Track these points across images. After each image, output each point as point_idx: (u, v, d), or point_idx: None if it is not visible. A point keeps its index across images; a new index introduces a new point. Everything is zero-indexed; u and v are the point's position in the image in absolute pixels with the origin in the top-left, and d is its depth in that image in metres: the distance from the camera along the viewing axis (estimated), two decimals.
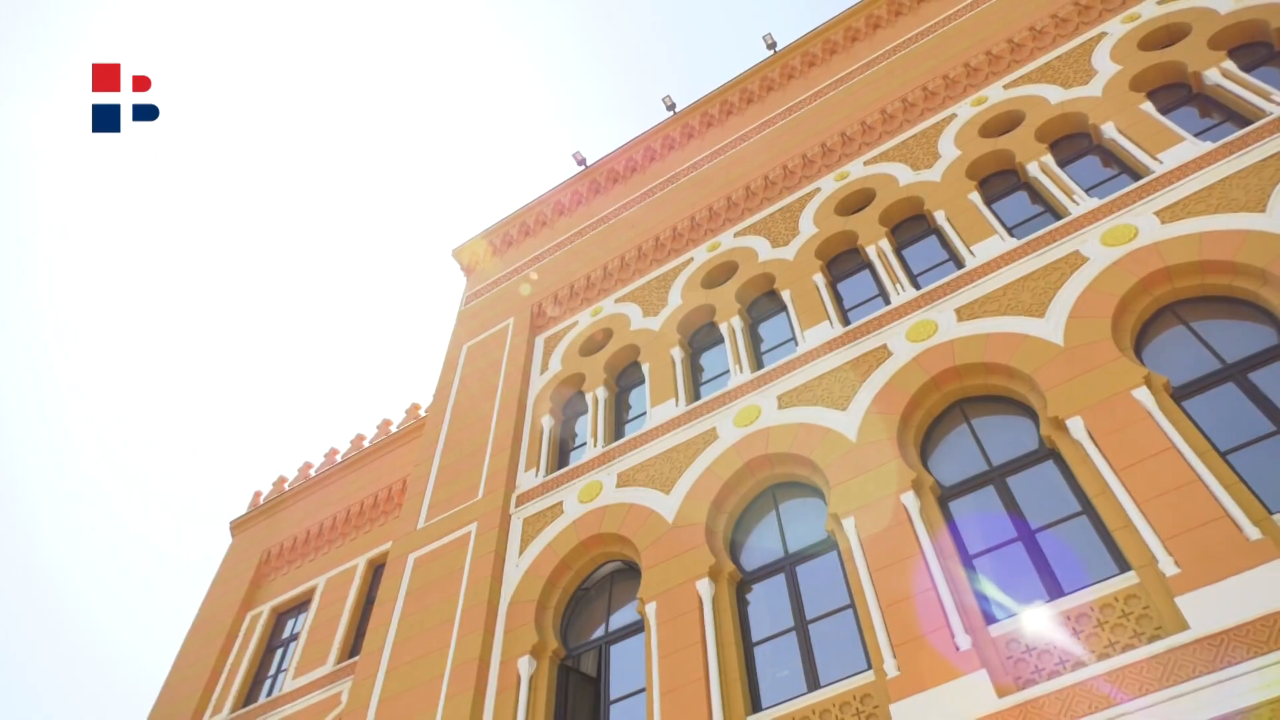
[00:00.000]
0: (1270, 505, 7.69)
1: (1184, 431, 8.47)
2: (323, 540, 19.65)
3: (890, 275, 13.08)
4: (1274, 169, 10.18)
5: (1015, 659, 7.94)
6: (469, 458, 15.06)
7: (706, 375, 14.47)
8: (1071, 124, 13.57)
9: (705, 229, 17.25)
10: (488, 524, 13.22)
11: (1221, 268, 9.63)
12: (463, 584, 12.43)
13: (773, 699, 9.16)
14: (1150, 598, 7.62)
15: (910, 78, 16.67)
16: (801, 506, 11.02)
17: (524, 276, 19.46)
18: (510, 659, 11.10)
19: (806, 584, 10.07)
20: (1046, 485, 9.23)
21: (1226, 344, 9.30)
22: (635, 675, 10.41)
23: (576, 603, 12.02)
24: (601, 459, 13.34)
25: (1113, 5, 14.99)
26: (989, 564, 8.96)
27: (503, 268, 20.88)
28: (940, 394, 10.70)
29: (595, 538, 12.02)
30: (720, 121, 20.17)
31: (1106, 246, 10.68)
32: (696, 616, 9.96)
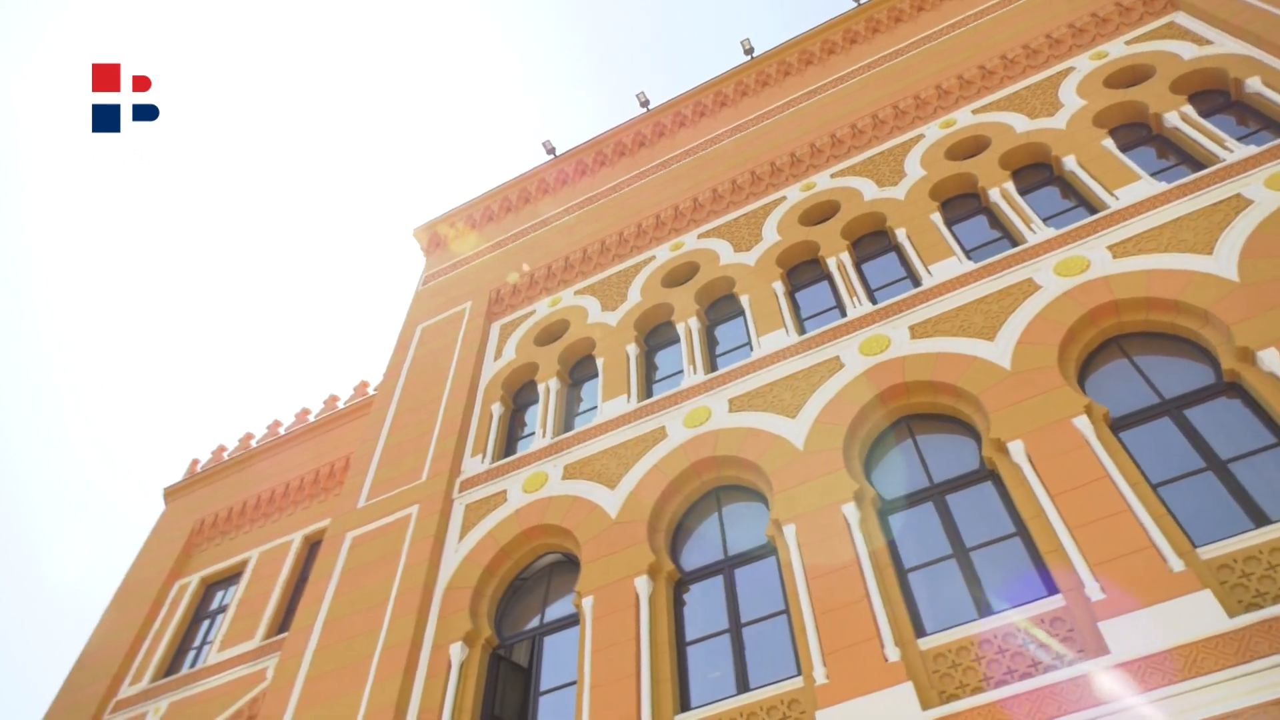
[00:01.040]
0: (1195, 539, 7.93)
1: (1119, 462, 8.69)
2: (259, 513, 19.31)
3: (848, 288, 13.22)
4: (1223, 214, 10.49)
5: (942, 673, 8.09)
6: (415, 439, 14.91)
7: (660, 374, 14.50)
8: (1034, 154, 13.84)
9: (670, 228, 17.28)
10: (429, 508, 13.10)
11: (1167, 306, 9.90)
12: (399, 566, 12.30)
13: (702, 699, 9.22)
14: (1075, 621, 7.81)
15: (882, 95, 16.86)
16: (744, 510, 11.10)
17: (513, 267, 19.28)
18: (442, 645, 11.01)
19: (744, 587, 10.15)
20: (984, 505, 9.42)
21: (1166, 380, 9.57)
22: (567, 668, 10.39)
23: (513, 592, 11.97)
24: (549, 450, 13.29)
25: (1083, 41, 15.32)
26: (923, 578, 9.12)
27: (463, 251, 20.70)
28: (888, 409, 10.85)
29: (537, 528, 11.98)
30: (692, 122, 20.21)
31: (1059, 276, 10.92)
32: (632, 613, 9.98)
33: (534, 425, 14.78)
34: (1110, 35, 15.13)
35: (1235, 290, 9.43)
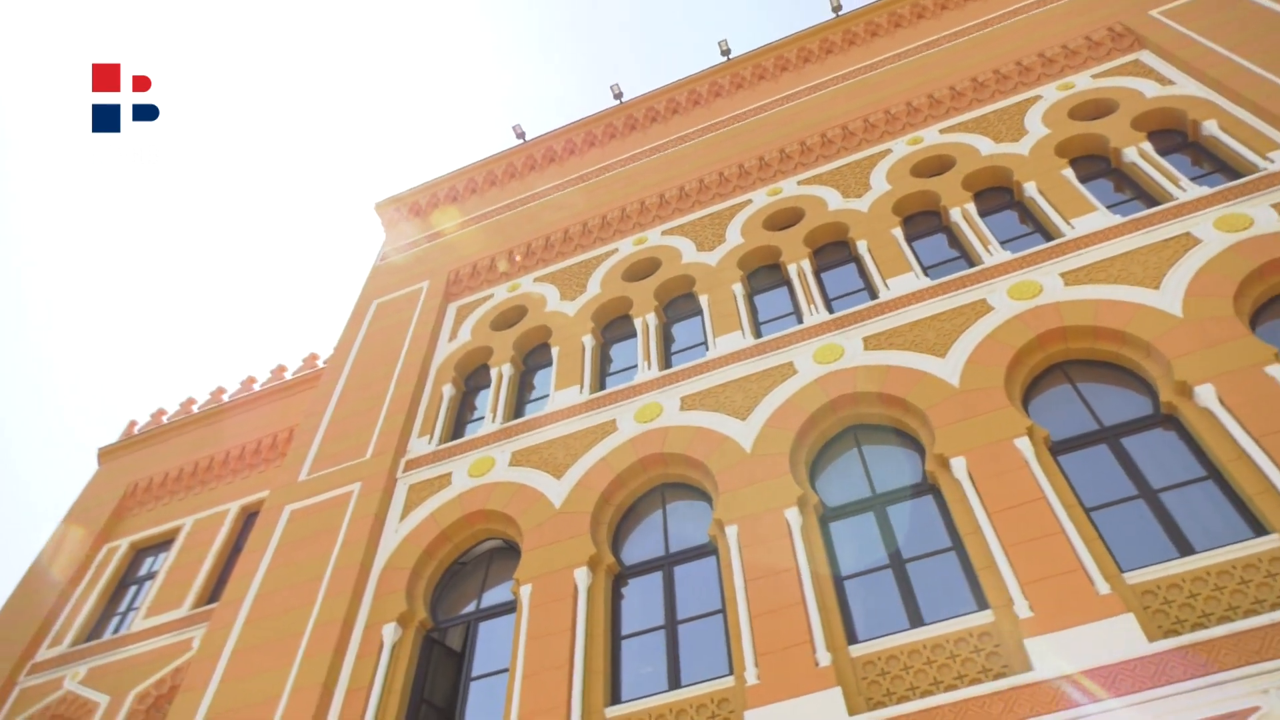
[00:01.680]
0: (1122, 564, 8.16)
1: (1055, 484, 8.90)
2: (195, 480, 18.93)
3: (806, 295, 13.34)
4: (1173, 250, 10.78)
5: (870, 680, 8.22)
6: (362, 415, 14.72)
7: (614, 367, 14.50)
8: (997, 177, 14.09)
9: (634, 222, 17.26)
10: (372, 485, 12.94)
11: (1112, 336, 10.15)
12: (337, 543, 12.14)
13: (633, 693, 9.25)
14: (1002, 637, 7.99)
15: (854, 107, 17.02)
16: (688, 509, 11.15)
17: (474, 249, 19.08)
18: (375, 624, 10.90)
19: (682, 585, 10.20)
20: (923, 518, 9.58)
21: (1106, 408, 9.82)
22: (500, 655, 10.35)
23: (451, 576, 11.89)
24: (497, 435, 13.22)
25: (1051, 71, 15.62)
26: (859, 586, 9.25)
27: (424, 229, 20.46)
28: (837, 418, 10.98)
29: (480, 513, 11.91)
30: (664, 118, 20.21)
31: (1012, 299, 11.14)
32: (570, 604, 9.97)
33: (484, 409, 14.68)
34: (1078, 67, 15.46)
35: (1178, 326, 9.70)
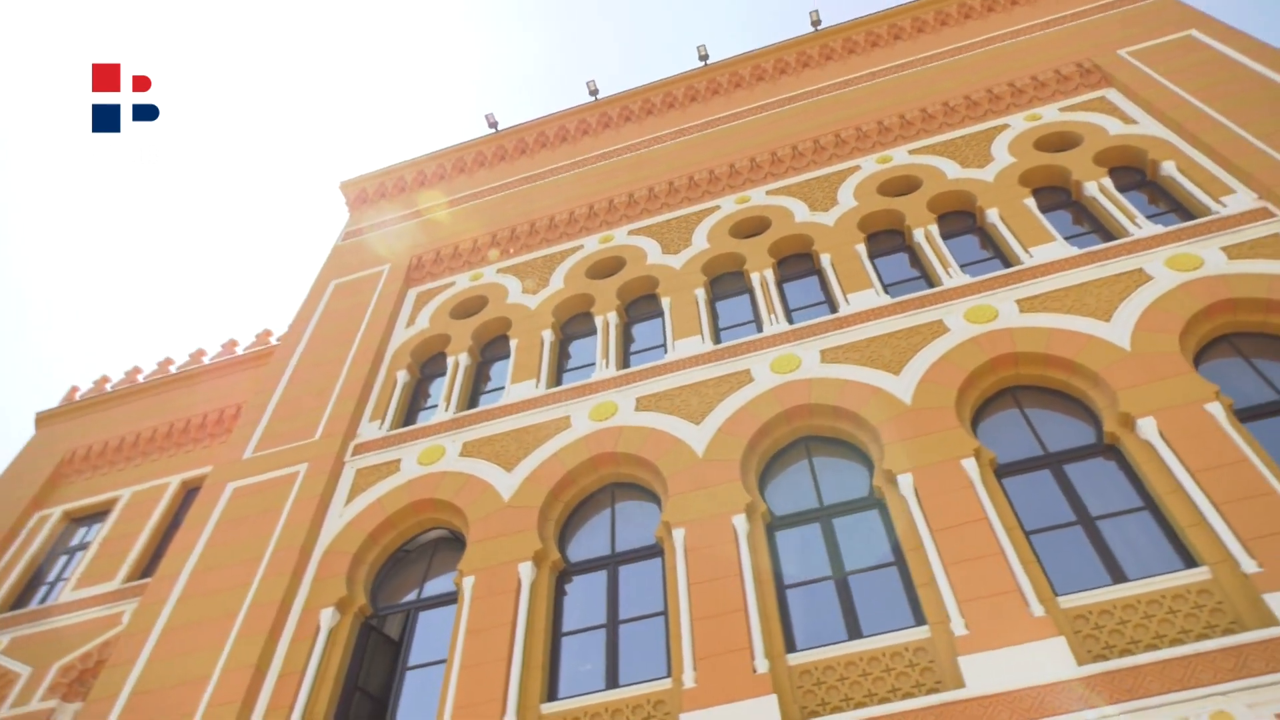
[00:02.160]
0: (1057, 588, 8.34)
1: (998, 506, 9.08)
2: (137, 451, 18.50)
3: (768, 305, 13.43)
4: (1125, 285, 11.05)
5: (806, 689, 8.30)
6: (313, 396, 14.50)
7: (572, 363, 14.47)
8: (961, 201, 14.32)
9: (601, 220, 17.24)
10: (319, 467, 12.76)
11: (1062, 364, 10.37)
12: (279, 523, 11.95)
13: (570, 691, 9.24)
14: (937, 653, 8.12)
15: (826, 121, 17.18)
16: (637, 509, 11.17)
17: (438, 235, 18.90)
18: (313, 608, 10.75)
19: (626, 585, 10.21)
20: (868, 531, 9.70)
21: (1051, 434, 10.04)
22: (438, 646, 10.27)
23: (394, 563, 11.76)
24: (450, 425, 13.12)
25: (1020, 102, 15.92)
26: (801, 596, 9.34)
27: (389, 212, 20.23)
28: (790, 428, 11.08)
29: (427, 502, 11.80)
30: (638, 118, 20.21)
31: (968, 322, 11.32)
32: (512, 598, 9.93)
33: (438, 398, 14.54)
34: (1046, 100, 15.76)
35: (1126, 358, 9.95)
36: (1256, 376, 9.84)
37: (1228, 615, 7.65)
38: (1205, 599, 7.82)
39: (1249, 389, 9.69)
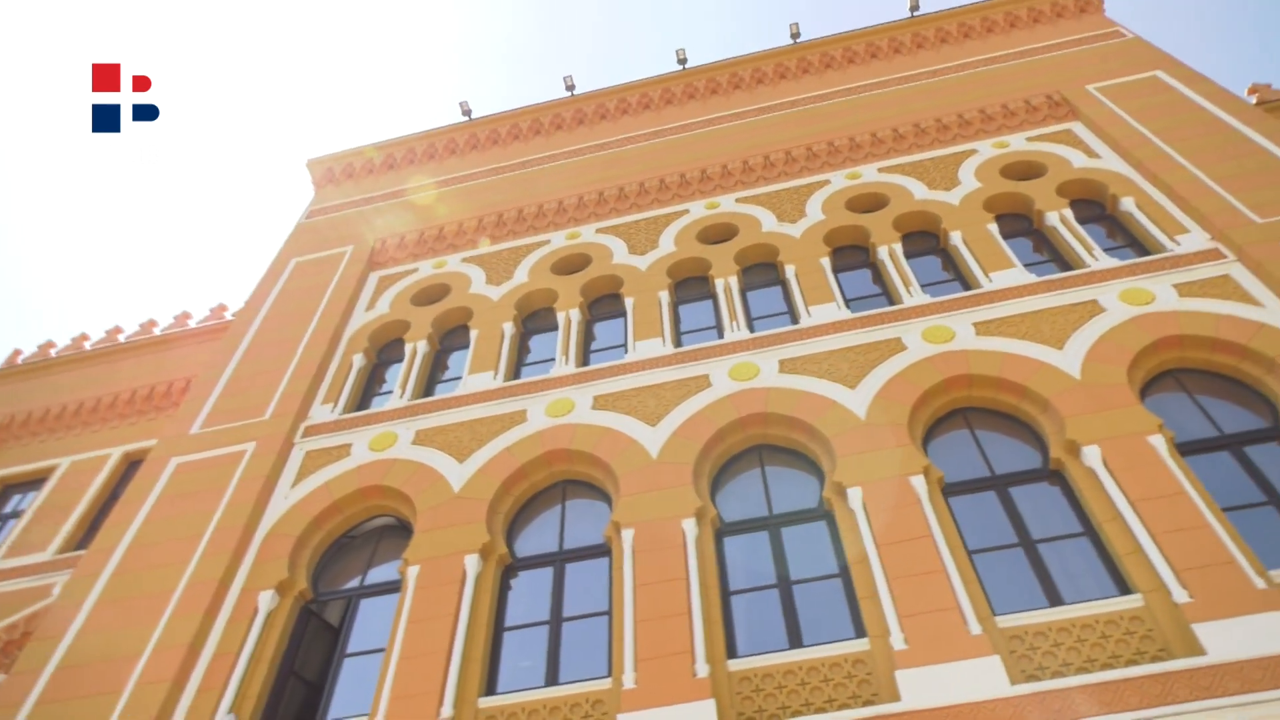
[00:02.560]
0: (995, 607, 8.50)
1: (943, 524, 9.22)
2: (78, 420, 18.03)
3: (730, 312, 13.50)
4: (1079, 315, 11.29)
5: (744, 696, 8.35)
6: (265, 374, 14.27)
7: (531, 358, 14.40)
8: (926, 222, 14.53)
9: (570, 216, 17.19)
10: (267, 447, 12.55)
11: (1014, 388, 10.57)
12: (223, 501, 11.73)
13: (509, 686, 9.20)
14: (875, 665, 8.23)
15: (800, 133, 17.32)
16: (587, 508, 11.16)
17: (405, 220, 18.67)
18: (252, 590, 10.57)
19: (572, 583, 10.19)
20: (815, 542, 9.80)
21: (999, 456, 10.23)
22: (378, 634, 10.15)
23: (338, 549, 11.61)
24: (404, 412, 12.98)
25: (989, 128, 16.19)
26: (745, 603, 9.40)
27: (355, 193, 19.98)
28: (744, 435, 11.15)
29: (376, 488, 11.67)
30: (613, 117, 20.19)
31: (925, 341, 11.49)
32: (456, 589, 9.86)
33: (393, 384, 14.39)
34: (1014, 128, 16.06)
35: (1075, 387, 10.17)
36: (1199, 412, 10.12)
37: (1157, 643, 7.86)
38: (1137, 626, 8.02)
39: (1191, 424, 9.97)
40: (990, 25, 19.15)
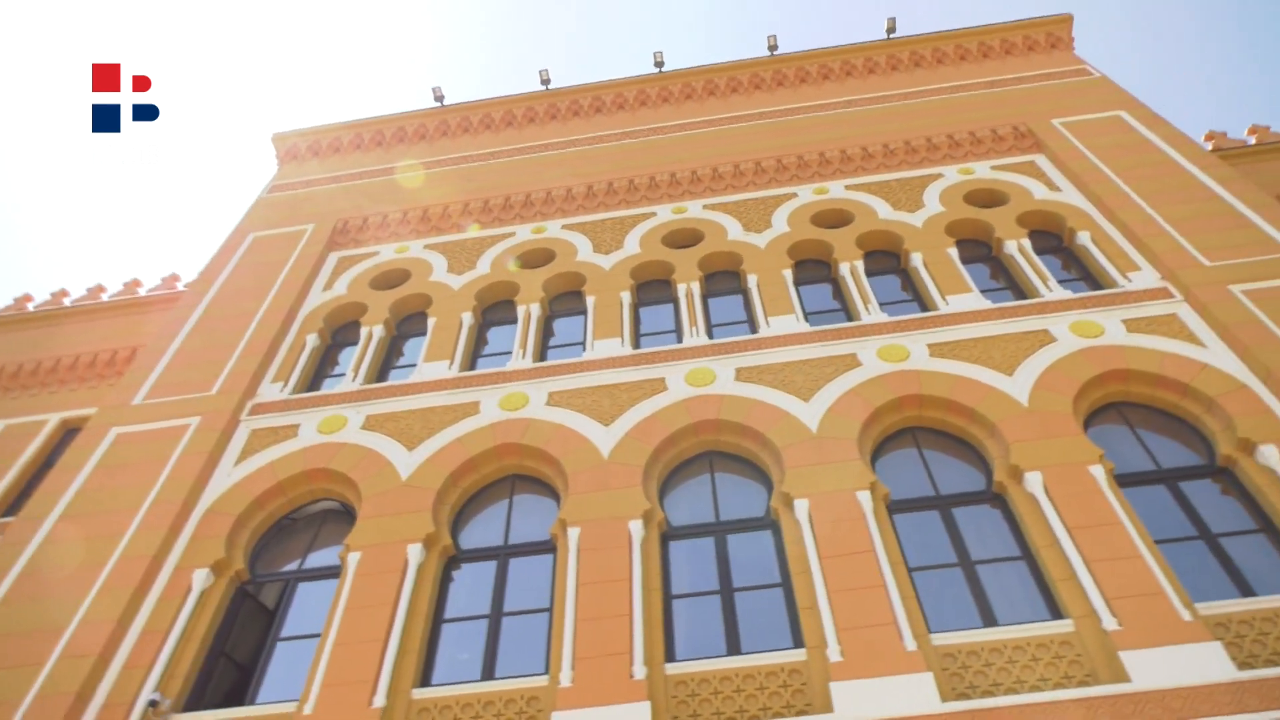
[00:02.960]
0: (931, 625, 8.64)
1: (886, 540, 9.35)
2: (16, 383, 17.49)
3: (690, 317, 13.54)
4: (1030, 344, 11.52)
5: (680, 700, 8.38)
6: (215, 349, 13.99)
7: (488, 350, 14.31)
8: (888, 242, 14.72)
9: (536, 210, 17.11)
10: (212, 422, 12.30)
11: (963, 411, 10.75)
12: (162, 475, 11.47)
13: (445, 678, 9.12)
14: (810, 676, 8.32)
15: (770, 145, 17.44)
16: (535, 503, 11.11)
17: (369, 201, 18.41)
18: (186, 568, 10.35)
19: (515, 578, 10.14)
20: (760, 552, 9.88)
21: (945, 477, 10.41)
22: (314, 619, 9.99)
23: (278, 530, 11.41)
24: (355, 396, 12.81)
25: (955, 154, 16.46)
26: (686, 607, 9.44)
27: (320, 171, 19.68)
28: (696, 440, 11.20)
29: (321, 471, 11.50)
30: (586, 114, 20.16)
31: (880, 359, 11.64)
32: (397, 578, 9.75)
33: (346, 367, 14.19)
34: (980, 156, 16.35)
35: (1022, 414, 10.38)
36: (1139, 445, 10.39)
37: (1084, 668, 8.04)
38: (1066, 650, 8.20)
39: (1131, 456, 10.24)
40: (963, 53, 19.48)
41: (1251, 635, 8.05)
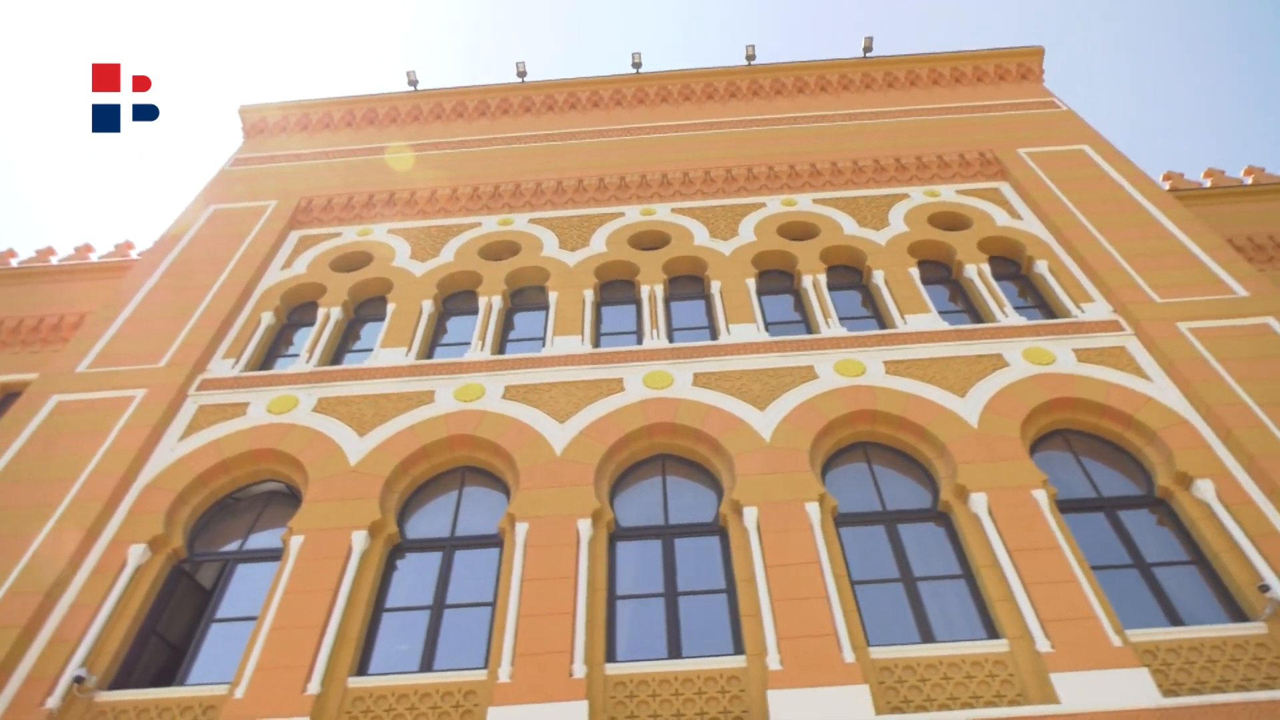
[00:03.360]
0: (870, 638, 8.73)
1: (832, 552, 9.44)
2: None
3: (652, 319, 13.56)
4: (983, 367, 11.72)
5: (618, 700, 8.35)
6: (166, 320, 13.69)
7: (447, 339, 14.18)
8: (852, 257, 14.88)
9: (504, 202, 17.01)
10: (158, 396, 12.03)
11: (914, 429, 10.90)
12: (103, 447, 11.19)
13: (381, 668, 9.01)
14: (749, 683, 8.35)
15: (741, 153, 17.53)
16: (484, 496, 11.04)
17: (335, 181, 18.13)
18: (122, 542, 10.10)
19: (460, 571, 10.06)
20: (707, 558, 9.92)
21: (893, 492, 10.56)
22: (252, 602, 9.79)
23: (220, 510, 11.19)
24: (308, 377, 12.62)
25: (922, 176, 16.69)
26: (630, 609, 9.45)
27: (286, 147, 19.38)
28: (650, 442, 11.21)
29: (269, 452, 11.31)
30: (560, 110, 20.09)
31: (837, 373, 11.75)
32: (339, 564, 9.61)
33: (301, 348, 13.96)
34: (946, 180, 16.60)
35: (971, 435, 10.55)
36: (1081, 473, 10.63)
37: (1016, 688, 8.19)
38: (999, 669, 8.34)
39: (1073, 483, 10.47)
40: (936, 77, 19.77)
41: (1177, 664, 8.26)
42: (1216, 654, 8.31)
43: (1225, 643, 8.39)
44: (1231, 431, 10.14)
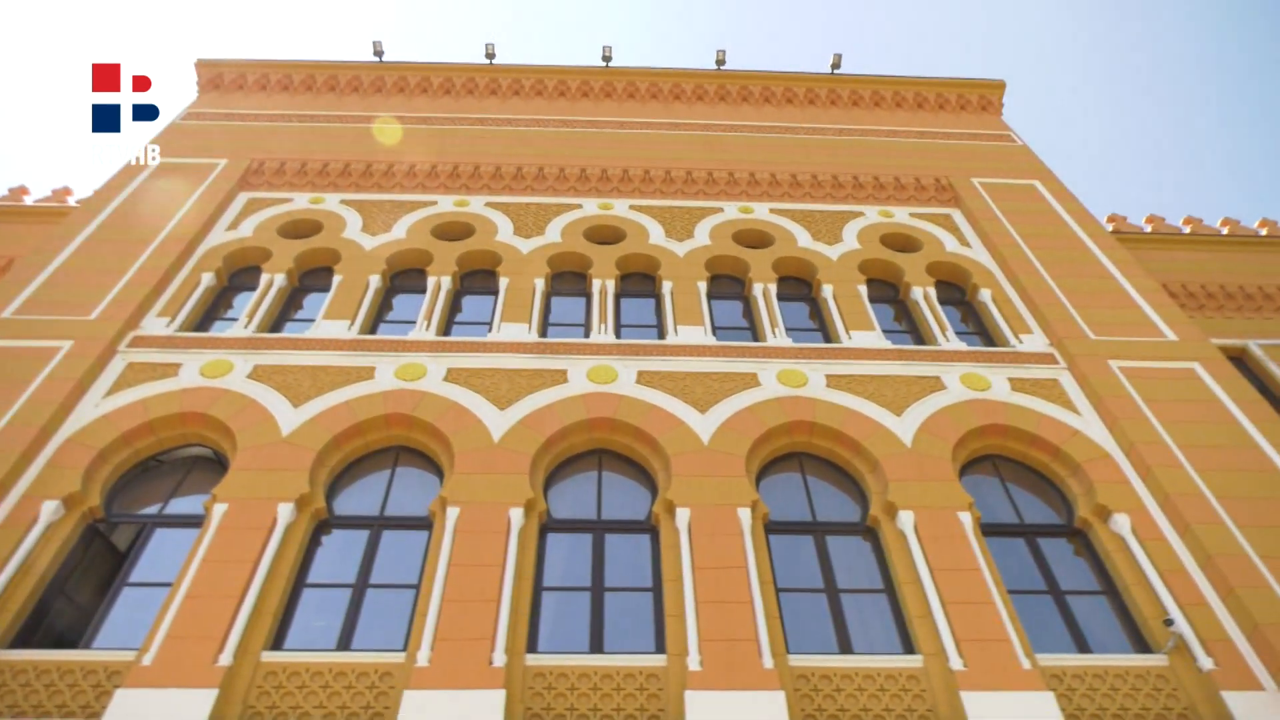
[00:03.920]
0: (790, 645, 8.84)
1: (759, 559, 9.54)
2: None
3: (601, 314, 13.53)
4: (921, 388, 11.95)
5: (536, 691, 8.32)
6: (100, 273, 13.25)
7: (392, 316, 13.98)
8: (802, 269, 15.05)
9: (462, 183, 16.81)
10: (86, 349, 11.64)
11: (850, 444, 11.08)
12: (22, 397, 10.78)
13: (298, 644, 8.84)
14: (668, 682, 8.38)
15: (702, 156, 17.61)
16: (416, 478, 10.91)
17: (290, 145, 17.71)
18: (35, 497, 9.74)
19: (386, 551, 9.92)
20: (634, 557, 9.96)
21: (825, 504, 10.75)
22: (167, 568, 9.52)
23: (142, 471, 10.87)
24: (246, 343, 12.33)
25: (878, 196, 16.95)
26: (555, 601, 9.44)
27: (242, 106, 18.89)
28: (589, 436, 11.19)
29: (198, 416, 11.01)
30: (526, 95, 19.95)
31: (779, 382, 11.87)
32: (262, 535, 9.41)
33: (240, 312, 13.61)
34: (901, 201, 16.88)
35: (905, 454, 10.75)
36: (1006, 498, 10.92)
37: (927, 703, 8.37)
38: (913, 685, 8.52)
39: (997, 507, 10.76)
40: (900, 100, 20.09)
41: (1082, 689, 8.53)
42: (1119, 682, 8.59)
43: (1128, 672, 8.68)
44: (1151, 469, 10.50)
